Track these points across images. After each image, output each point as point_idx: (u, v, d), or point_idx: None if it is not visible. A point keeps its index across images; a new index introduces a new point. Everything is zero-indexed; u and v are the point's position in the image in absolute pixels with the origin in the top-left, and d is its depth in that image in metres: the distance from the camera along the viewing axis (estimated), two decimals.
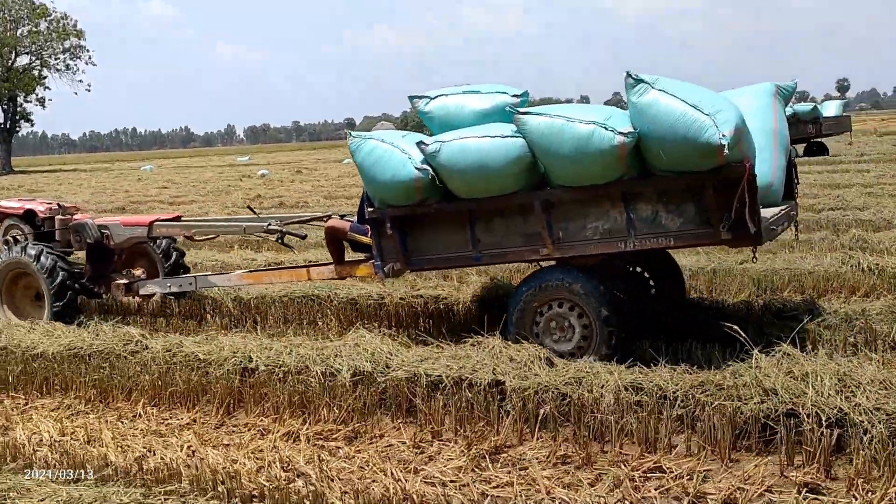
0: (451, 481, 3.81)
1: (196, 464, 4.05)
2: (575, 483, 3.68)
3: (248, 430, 4.63)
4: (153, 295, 7.33)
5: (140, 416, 4.94)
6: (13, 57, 56.07)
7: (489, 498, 3.64)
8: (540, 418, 4.27)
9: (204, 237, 7.89)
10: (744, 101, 5.49)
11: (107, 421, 4.86)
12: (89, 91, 58.72)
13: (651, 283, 6.29)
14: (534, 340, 5.12)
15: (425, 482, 3.81)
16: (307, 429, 4.52)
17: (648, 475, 3.72)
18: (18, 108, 56.87)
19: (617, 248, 4.99)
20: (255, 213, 7.47)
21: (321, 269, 6.31)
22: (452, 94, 5.57)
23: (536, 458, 3.98)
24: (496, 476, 3.83)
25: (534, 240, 5.16)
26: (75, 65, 57.63)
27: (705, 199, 4.72)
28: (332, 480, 3.83)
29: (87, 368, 5.49)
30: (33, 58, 57.05)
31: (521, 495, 3.60)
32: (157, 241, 7.48)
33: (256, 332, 6.37)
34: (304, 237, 6.79)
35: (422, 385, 4.62)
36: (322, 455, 4.16)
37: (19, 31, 55.81)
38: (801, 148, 23.31)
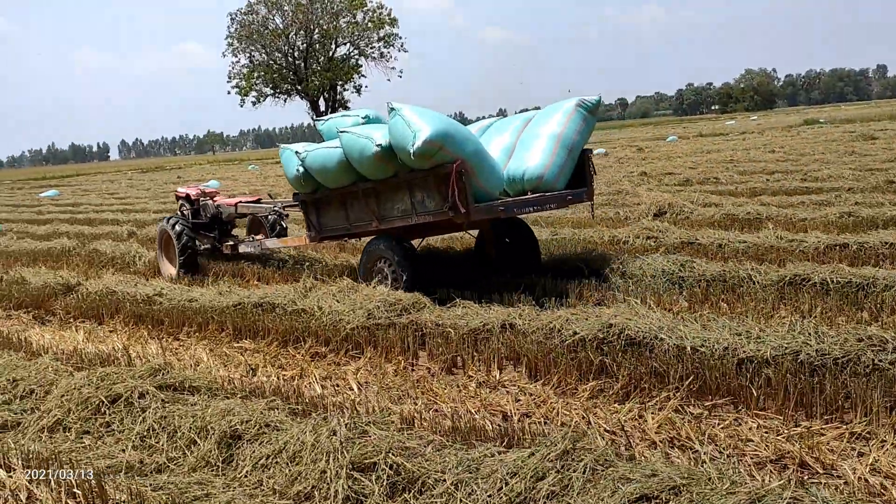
0: None
1: None
2: None
3: None
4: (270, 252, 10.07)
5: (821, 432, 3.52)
6: (334, 48, 59.63)
7: None
8: None
9: (256, 214, 10.18)
10: (554, 115, 7.45)
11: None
12: (401, 77, 61.07)
13: (512, 249, 8.03)
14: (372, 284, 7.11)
15: None
16: None
17: None
18: (337, 97, 60.40)
19: (409, 223, 6.95)
20: (272, 198, 11.01)
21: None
22: (335, 117, 7.87)
23: None
24: None
25: (370, 217, 7.28)
26: (388, 52, 60.17)
27: (437, 188, 6.53)
28: None
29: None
30: (351, 47, 60.36)
31: None
32: (267, 215, 9.84)
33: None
34: (286, 216, 9.74)
35: None
36: None
37: (340, 23, 59.08)
38: None
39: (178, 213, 10.82)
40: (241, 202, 10.22)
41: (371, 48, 59.91)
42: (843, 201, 10.99)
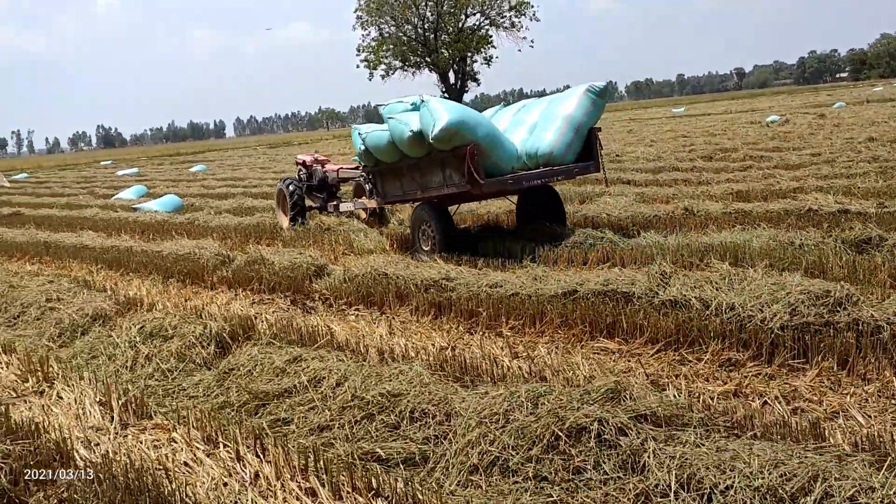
0: None
1: None
2: None
3: None
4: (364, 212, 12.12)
5: None
6: (464, 18, 58.03)
7: None
8: None
9: (354, 179, 12.07)
10: (567, 98, 8.64)
11: None
12: (532, 47, 58.95)
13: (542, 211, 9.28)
14: (420, 248, 8.69)
15: None
16: None
17: None
18: (467, 69, 58.87)
19: (442, 192, 8.45)
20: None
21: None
22: (392, 102, 8.74)
23: None
24: None
25: (416, 187, 8.83)
26: (520, 22, 58.07)
27: (458, 166, 7.98)
28: None
29: None
30: (482, 17, 58.56)
31: None
32: (363, 180, 11.41)
33: None
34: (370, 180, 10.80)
35: None
36: None
37: None
38: None
39: (297, 176, 12.69)
40: (342, 168, 12.17)
41: (502, 17, 57.95)
42: None
